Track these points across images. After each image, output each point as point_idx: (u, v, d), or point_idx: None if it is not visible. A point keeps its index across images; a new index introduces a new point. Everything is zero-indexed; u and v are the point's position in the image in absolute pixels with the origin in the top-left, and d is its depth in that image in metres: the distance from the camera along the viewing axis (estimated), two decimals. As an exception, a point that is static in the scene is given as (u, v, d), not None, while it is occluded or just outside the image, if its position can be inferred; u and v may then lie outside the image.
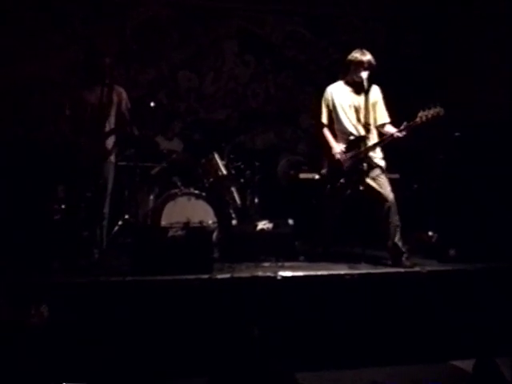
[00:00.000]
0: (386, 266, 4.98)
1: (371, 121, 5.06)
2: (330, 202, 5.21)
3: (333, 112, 5.21)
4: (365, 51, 5.06)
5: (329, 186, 5.19)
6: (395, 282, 4.68)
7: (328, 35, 8.18)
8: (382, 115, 5.15)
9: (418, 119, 4.75)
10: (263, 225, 5.54)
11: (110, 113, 5.33)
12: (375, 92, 5.16)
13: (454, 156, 6.37)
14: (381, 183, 5.03)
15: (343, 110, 5.16)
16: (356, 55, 5.07)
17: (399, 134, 4.86)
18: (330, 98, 5.22)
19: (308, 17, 8.15)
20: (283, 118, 8.11)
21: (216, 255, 5.06)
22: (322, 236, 5.29)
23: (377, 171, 5.06)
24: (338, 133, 5.21)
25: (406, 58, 8.03)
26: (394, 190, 5.07)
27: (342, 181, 5.08)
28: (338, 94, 5.21)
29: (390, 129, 5.05)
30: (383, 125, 5.13)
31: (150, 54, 7.67)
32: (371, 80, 5.04)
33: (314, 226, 5.37)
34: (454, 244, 5.31)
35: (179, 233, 4.80)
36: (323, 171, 5.29)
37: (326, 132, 5.22)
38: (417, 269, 4.82)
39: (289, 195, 6.74)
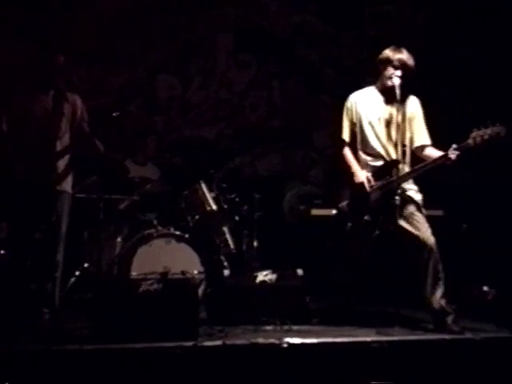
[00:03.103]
0: (427, 330, 5.02)
1: (407, 141, 5.07)
2: (351, 245, 5.24)
3: (357, 127, 5.23)
4: (401, 49, 5.07)
5: (350, 224, 5.21)
6: (439, 351, 4.66)
7: (351, 28, 8.27)
8: (420, 134, 5.16)
9: (470, 141, 4.77)
10: (264, 276, 5.58)
11: (62, 128, 5.41)
12: (414, 104, 5.19)
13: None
14: (417, 224, 5.01)
15: (370, 124, 5.17)
16: (388, 53, 5.09)
17: (446, 161, 4.85)
18: (353, 109, 5.25)
19: (324, 3, 8.21)
20: (292, 135, 8.16)
21: (203, 316, 5.12)
22: (341, 291, 5.32)
23: (411, 208, 5.05)
24: (362, 155, 5.22)
25: (455, 60, 8.03)
26: (435, 231, 5.08)
27: (366, 218, 5.08)
28: (365, 103, 5.23)
29: (432, 152, 5.06)
30: (422, 147, 5.15)
31: (121, 51, 7.76)
32: (408, 87, 5.08)
33: (330, 277, 5.42)
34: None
35: (155, 286, 4.85)
36: (342, 205, 5.29)
37: (348, 153, 5.24)
38: (468, 335, 4.83)
39: (298, 237, 6.80)
